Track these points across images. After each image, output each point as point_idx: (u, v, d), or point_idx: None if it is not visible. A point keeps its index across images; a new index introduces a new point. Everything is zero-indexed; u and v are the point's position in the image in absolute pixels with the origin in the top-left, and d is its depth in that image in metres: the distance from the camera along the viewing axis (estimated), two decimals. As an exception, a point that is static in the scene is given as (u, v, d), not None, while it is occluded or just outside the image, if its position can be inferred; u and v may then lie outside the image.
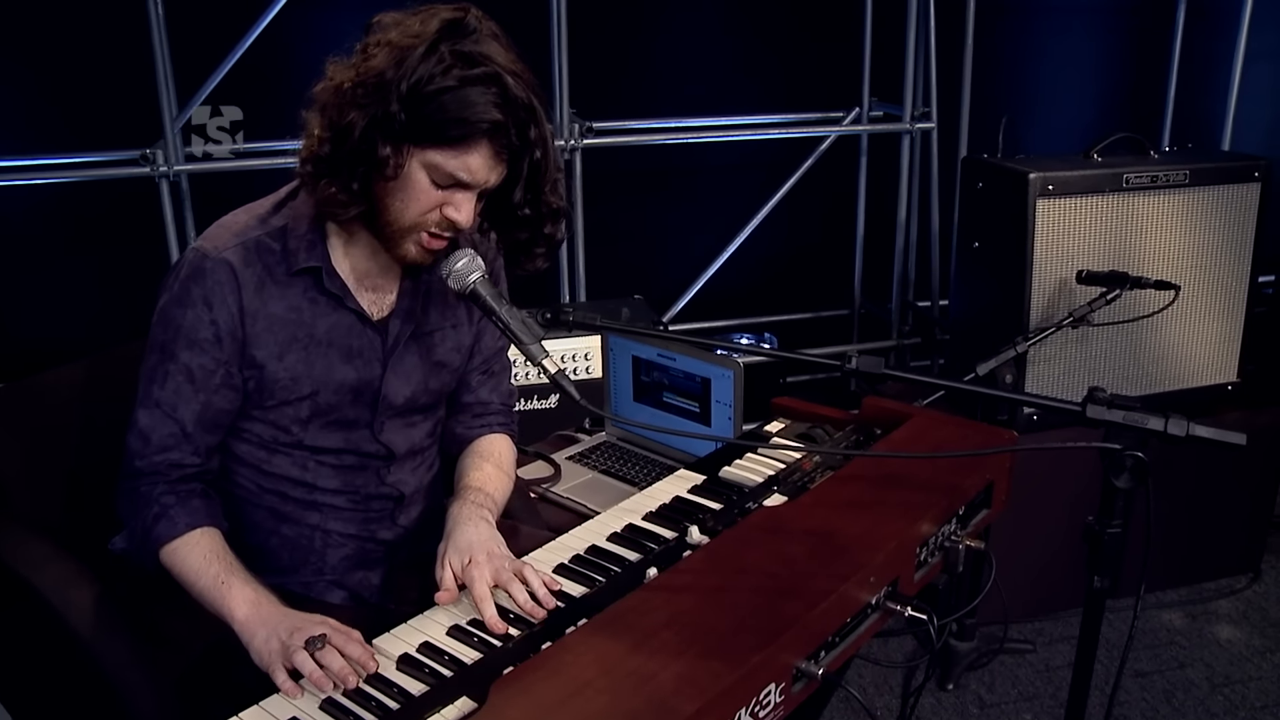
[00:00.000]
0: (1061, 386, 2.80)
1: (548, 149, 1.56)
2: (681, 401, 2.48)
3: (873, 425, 2.00)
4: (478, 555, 1.53)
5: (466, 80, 1.46)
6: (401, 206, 1.53)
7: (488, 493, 1.73)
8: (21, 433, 1.81)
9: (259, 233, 1.60)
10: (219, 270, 1.56)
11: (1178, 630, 2.96)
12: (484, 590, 1.48)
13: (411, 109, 1.45)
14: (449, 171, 1.50)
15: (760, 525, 1.62)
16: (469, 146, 1.49)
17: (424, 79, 1.44)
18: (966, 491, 1.74)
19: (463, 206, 1.54)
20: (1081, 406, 1.41)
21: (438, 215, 1.54)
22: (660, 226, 4.19)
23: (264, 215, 1.63)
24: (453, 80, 1.45)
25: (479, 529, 1.60)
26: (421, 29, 1.47)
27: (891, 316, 4.17)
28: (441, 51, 1.46)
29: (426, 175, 1.51)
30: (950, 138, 3.96)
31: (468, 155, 1.49)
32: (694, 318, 4.13)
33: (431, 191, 1.52)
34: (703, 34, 3.99)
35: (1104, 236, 2.74)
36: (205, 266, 1.57)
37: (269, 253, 1.60)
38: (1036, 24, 4.21)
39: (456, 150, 1.49)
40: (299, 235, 1.61)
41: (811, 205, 4.18)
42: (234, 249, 1.58)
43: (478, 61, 1.47)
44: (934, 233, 4.03)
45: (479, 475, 1.78)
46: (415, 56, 1.45)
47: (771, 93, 4.05)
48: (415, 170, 1.50)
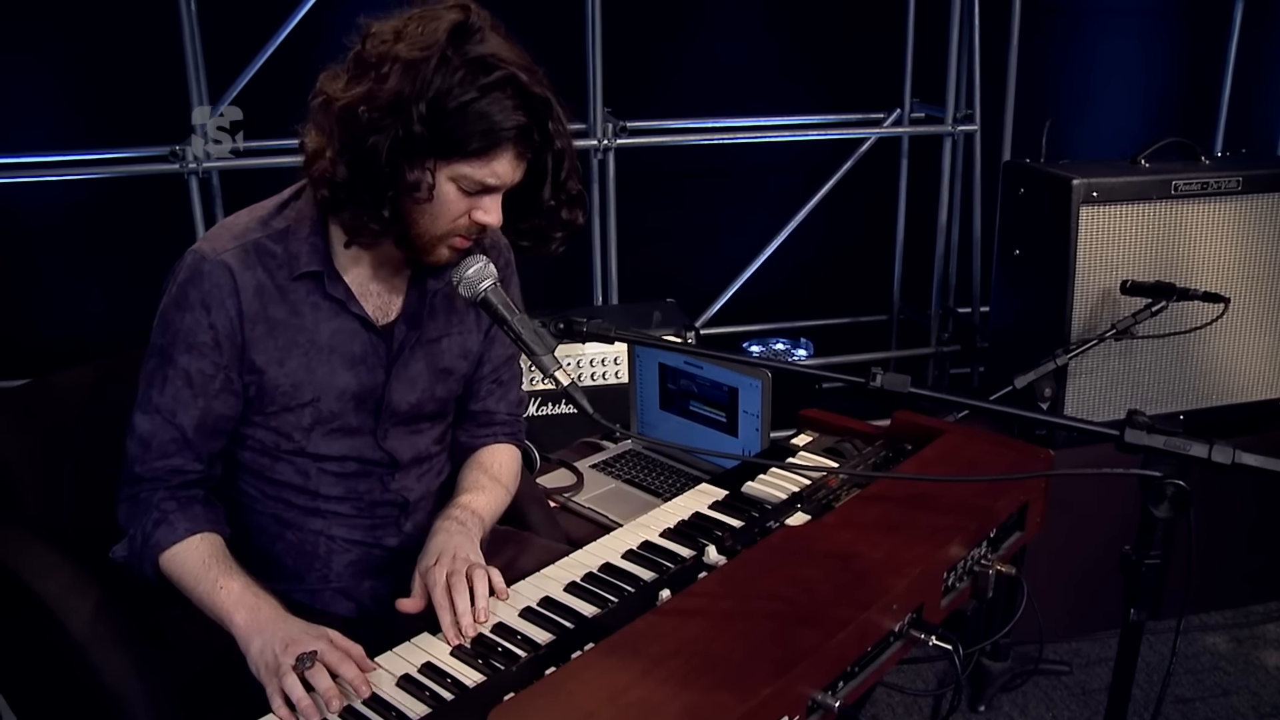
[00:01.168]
0: (1103, 400, 2.71)
1: (566, 137, 1.54)
2: (708, 411, 2.41)
3: (903, 440, 1.93)
4: (444, 558, 1.51)
5: (485, 88, 1.43)
6: (431, 220, 1.51)
7: (475, 509, 1.69)
8: (31, 433, 1.79)
9: (260, 235, 1.57)
10: (217, 273, 1.53)
11: (1222, 655, 2.85)
12: (442, 594, 1.46)
13: (434, 126, 1.42)
14: (477, 180, 1.48)
15: (780, 547, 1.55)
16: (495, 153, 1.47)
17: (442, 93, 1.41)
18: (998, 514, 1.67)
19: (491, 209, 1.52)
20: (1119, 430, 1.33)
21: (466, 221, 1.52)
22: (695, 229, 4.13)
23: (265, 217, 1.59)
24: (472, 91, 1.42)
25: (453, 537, 1.57)
26: (428, 37, 1.43)
27: (931, 323, 4.07)
28: (453, 60, 1.42)
29: (454, 186, 1.48)
30: (994, 140, 3.86)
31: (494, 162, 1.47)
32: (728, 322, 4.06)
33: (460, 200, 1.50)
34: (741, 32, 3.92)
35: (1150, 246, 2.65)
36: (203, 269, 1.53)
37: (270, 256, 1.56)
38: (1085, 24, 4.10)
39: (483, 159, 1.47)
40: (301, 238, 1.57)
41: (850, 208, 4.10)
42: (233, 251, 1.54)
43: (491, 65, 1.43)
44: (976, 238, 3.93)
45: (471, 489, 1.74)
46: (428, 70, 1.41)
47: (810, 93, 3.97)
48: (443, 183, 1.48)
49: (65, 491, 1.80)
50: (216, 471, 1.63)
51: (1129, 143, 3.17)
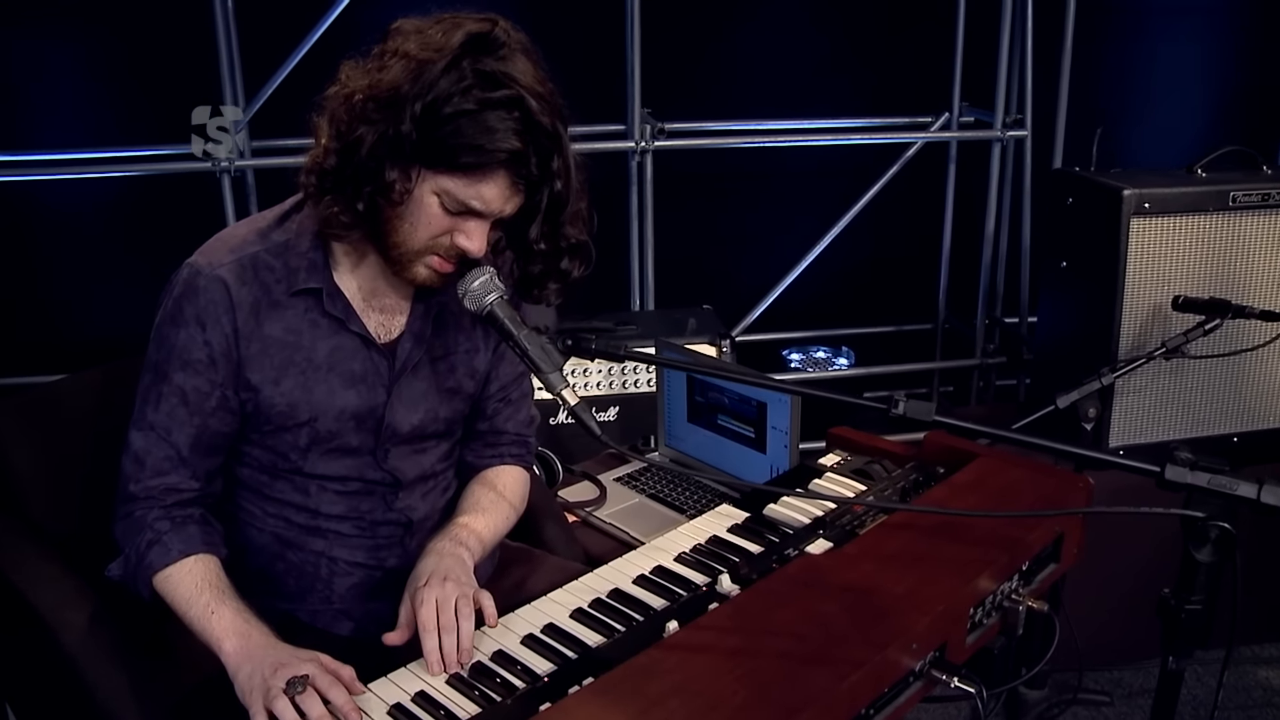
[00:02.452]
0: (1151, 421, 2.60)
1: (570, 179, 1.45)
2: (736, 425, 2.34)
3: (935, 463, 1.85)
4: (433, 582, 1.44)
5: (486, 104, 1.35)
6: (409, 230, 1.44)
7: (474, 529, 1.62)
8: (38, 438, 1.77)
9: (258, 248, 1.51)
10: (212, 288, 1.48)
11: (1275, 690, 2.72)
12: (429, 617, 1.39)
13: (425, 130, 1.35)
14: (461, 199, 1.40)
15: (797, 578, 1.48)
16: (484, 175, 1.39)
17: (440, 98, 1.34)
18: (1031, 546, 1.59)
19: (474, 235, 1.44)
20: (1160, 467, 1.24)
21: (448, 241, 1.45)
22: (734, 233, 4.05)
23: (265, 229, 1.54)
24: (471, 103, 1.35)
25: (444, 559, 1.50)
26: (444, 41, 1.37)
27: (976, 333, 3.95)
28: (463, 69, 1.36)
29: (437, 200, 1.41)
30: (1045, 146, 3.73)
31: (482, 184, 1.40)
32: (767, 329, 3.97)
33: (442, 217, 1.43)
34: (785, 32, 3.83)
35: (1205, 260, 2.53)
36: (199, 284, 1.48)
37: (267, 270, 1.51)
38: (1143, 25, 3.95)
39: (471, 178, 1.39)
40: (300, 252, 1.51)
41: (896, 214, 3.99)
42: (229, 265, 1.49)
43: (501, 83, 1.36)
44: (1025, 246, 3.81)
45: (472, 509, 1.67)
46: (433, 72, 1.35)
47: (856, 95, 3.88)
48: (426, 194, 1.41)
49: (72, 498, 1.77)
50: (215, 489, 1.58)
51: (1186, 150, 3.05)
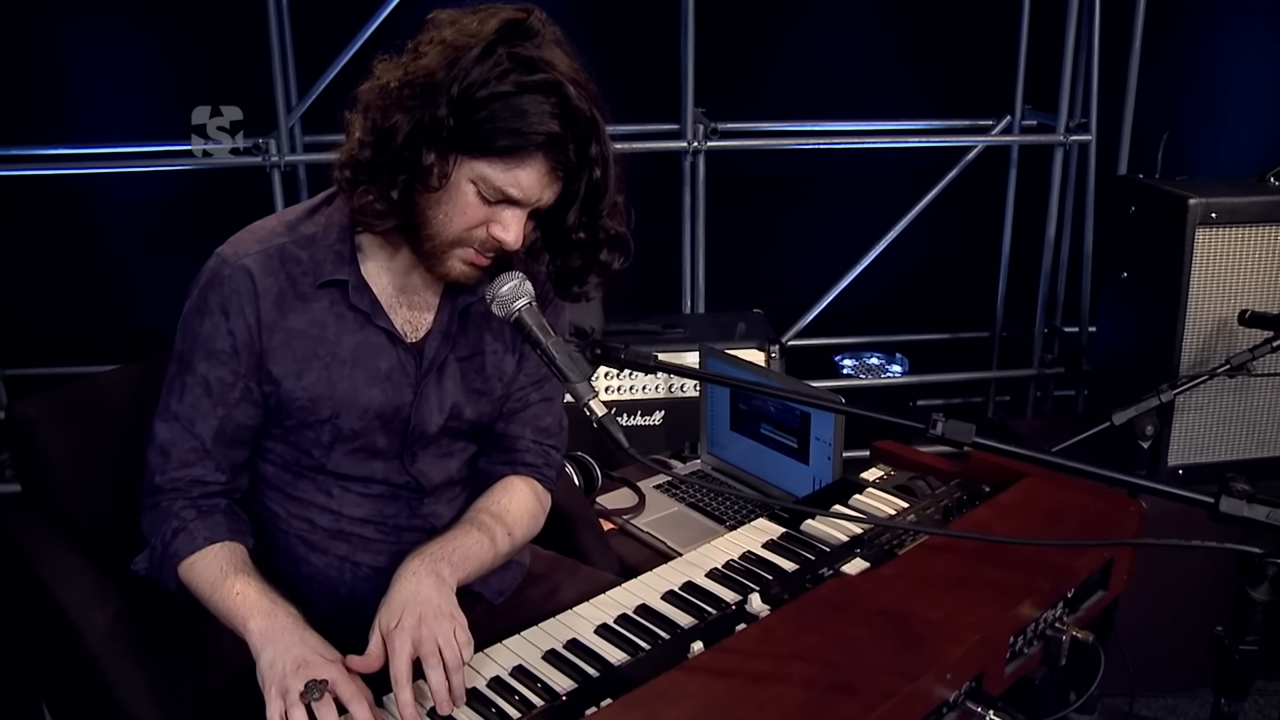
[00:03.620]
0: (1212, 441, 2.50)
1: (608, 168, 1.42)
2: (779, 435, 2.29)
3: (981, 481, 1.79)
4: (407, 618, 1.32)
5: (523, 87, 1.33)
6: (445, 220, 1.41)
7: (458, 546, 1.48)
8: (75, 432, 1.76)
9: (285, 239, 1.49)
10: (237, 278, 1.46)
11: (1340, 722, 2.61)
12: (403, 666, 1.29)
13: (461, 115, 1.33)
14: (498, 186, 1.38)
15: (829, 599, 1.43)
16: (521, 160, 1.36)
17: (476, 83, 1.32)
18: (1078, 572, 1.52)
19: (511, 225, 1.41)
20: (1215, 499, 1.17)
21: (483, 233, 1.42)
22: (788, 235, 3.99)
23: (294, 221, 1.52)
24: (508, 86, 1.33)
25: (421, 584, 1.38)
26: (479, 29, 1.35)
27: (1034, 342, 3.85)
28: (499, 54, 1.33)
29: (474, 188, 1.38)
30: (1110, 152, 3.62)
31: (519, 169, 1.37)
32: (819, 334, 3.90)
33: (478, 206, 1.40)
34: (842, 32, 3.77)
35: (1274, 273, 2.42)
36: (224, 274, 1.47)
37: (294, 262, 1.48)
38: (1216, 25, 3.81)
39: (507, 163, 1.36)
40: (327, 245, 1.49)
41: (954, 218, 3.90)
42: (255, 256, 1.47)
43: (537, 67, 1.34)
44: (1087, 254, 3.69)
45: (459, 528, 1.54)
46: (469, 58, 1.33)
47: (915, 96, 3.80)
48: (462, 182, 1.38)
49: (106, 493, 1.77)
50: (241, 483, 1.56)
51: (1259, 158, 2.93)
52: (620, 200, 1.49)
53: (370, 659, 1.32)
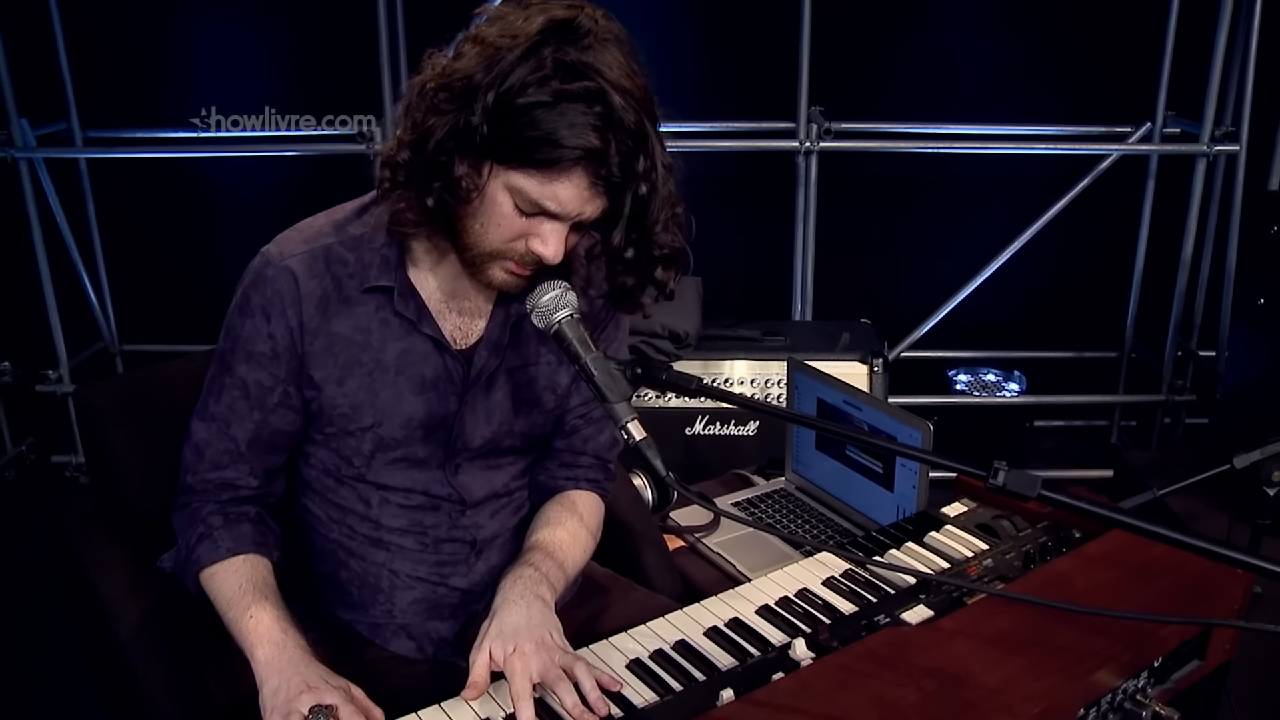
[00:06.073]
0: (1354, 489, 2.26)
1: (657, 184, 1.32)
2: (864, 459, 2.16)
3: (1071, 526, 1.64)
4: (524, 644, 1.30)
5: (563, 95, 1.24)
6: (481, 231, 1.34)
7: (557, 561, 1.49)
8: (138, 420, 1.76)
9: (332, 240, 1.44)
10: (280, 279, 1.41)
11: None
12: (524, 686, 1.26)
13: (496, 123, 1.25)
14: (534, 199, 1.29)
15: (878, 653, 1.31)
16: (559, 173, 1.27)
17: (514, 88, 1.24)
18: (1166, 640, 1.37)
19: (550, 239, 1.33)
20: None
21: (522, 247, 1.34)
22: (902, 243, 3.83)
23: (343, 221, 1.47)
24: (547, 94, 1.24)
25: (531, 611, 1.36)
26: (523, 27, 1.26)
27: (1164, 366, 3.60)
28: (543, 57, 1.25)
29: (510, 200, 1.31)
30: (1261, 164, 3.35)
31: (557, 183, 1.28)
32: (931, 346, 3.74)
33: (515, 219, 1.32)
34: (970, 30, 3.59)
35: None
36: (267, 274, 1.42)
37: (341, 264, 1.43)
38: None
39: (545, 175, 1.28)
40: (374, 248, 1.43)
41: (1084, 231, 3.69)
42: (300, 256, 1.43)
43: (582, 74, 1.25)
44: (1229, 274, 3.42)
45: (551, 540, 1.53)
46: (509, 60, 1.25)
47: (1046, 99, 3.59)
48: (498, 192, 1.30)
49: (166, 483, 1.77)
50: (275, 489, 1.53)
51: None
52: (679, 211, 1.40)
53: (479, 685, 1.29)
